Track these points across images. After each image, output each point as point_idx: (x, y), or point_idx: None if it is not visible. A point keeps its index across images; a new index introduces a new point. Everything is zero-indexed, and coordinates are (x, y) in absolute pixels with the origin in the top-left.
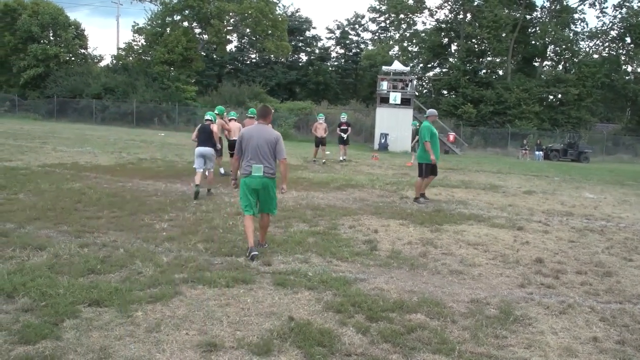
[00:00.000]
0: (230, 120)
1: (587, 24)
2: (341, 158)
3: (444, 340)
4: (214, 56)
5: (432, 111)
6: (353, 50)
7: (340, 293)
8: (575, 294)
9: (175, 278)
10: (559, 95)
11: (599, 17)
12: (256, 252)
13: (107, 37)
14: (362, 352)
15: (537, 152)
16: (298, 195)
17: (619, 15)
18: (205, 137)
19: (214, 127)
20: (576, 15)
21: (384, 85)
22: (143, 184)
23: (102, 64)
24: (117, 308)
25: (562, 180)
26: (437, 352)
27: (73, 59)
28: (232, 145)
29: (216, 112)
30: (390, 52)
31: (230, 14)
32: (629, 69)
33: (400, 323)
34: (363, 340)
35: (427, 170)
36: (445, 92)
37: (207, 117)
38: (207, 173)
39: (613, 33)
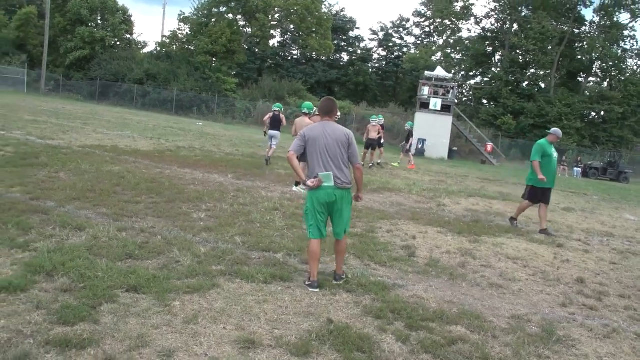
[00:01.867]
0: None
1: (636, 42)
2: (378, 161)
3: (485, 356)
4: (256, 50)
5: (556, 130)
6: (395, 54)
7: (379, 298)
8: (619, 318)
9: (212, 270)
10: (602, 113)
11: None
12: (317, 288)
13: (150, 24)
14: None
15: (575, 169)
16: None
17: None
18: (275, 124)
19: (282, 116)
20: (626, 32)
21: (425, 90)
22: (181, 172)
23: (146, 50)
24: (155, 296)
25: (601, 200)
26: None
27: (118, 43)
28: None
29: (305, 110)
30: (433, 58)
31: (276, 9)
32: None
33: (441, 334)
34: (403, 349)
35: (534, 194)
36: (485, 101)
37: (275, 108)
38: (273, 147)
39: None
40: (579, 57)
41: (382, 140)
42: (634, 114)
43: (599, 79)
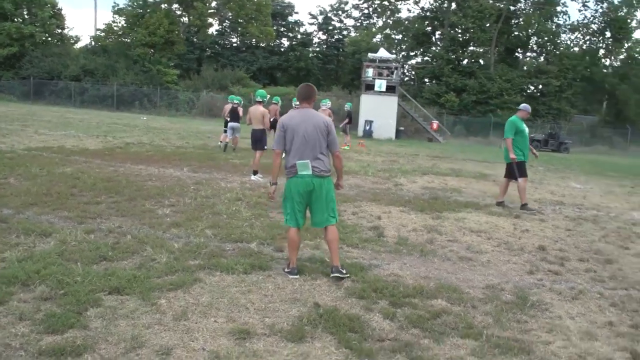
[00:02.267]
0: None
1: (569, 17)
2: None
3: (470, 325)
4: (194, 39)
5: (525, 106)
6: (335, 37)
7: (359, 279)
8: (582, 281)
9: (190, 265)
10: (540, 87)
11: (581, 10)
12: (296, 274)
13: (80, 17)
14: (394, 337)
15: None
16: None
17: (600, 10)
18: (234, 116)
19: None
20: (559, 8)
21: (370, 72)
22: (135, 169)
23: (79, 45)
24: (139, 296)
25: (547, 170)
26: (466, 337)
27: (49, 39)
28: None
29: (258, 98)
30: (374, 40)
31: None
32: (607, 62)
33: (424, 308)
34: (392, 326)
35: (522, 168)
36: (427, 80)
37: (235, 101)
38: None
39: (594, 27)
40: (516, 33)
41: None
42: (569, 86)
43: (535, 54)
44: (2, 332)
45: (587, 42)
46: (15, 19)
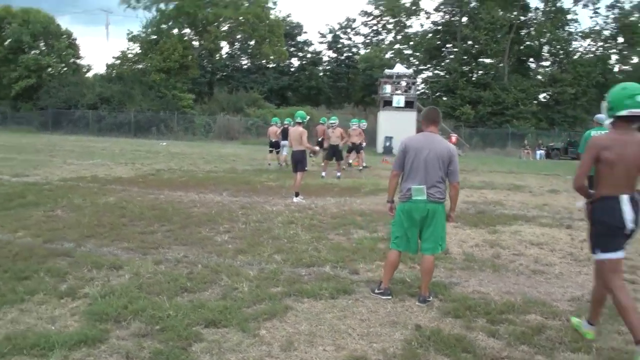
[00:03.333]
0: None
1: (580, 24)
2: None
3: (575, 339)
4: (204, 63)
5: (598, 117)
6: (345, 54)
7: (447, 298)
8: None
9: (274, 292)
10: (555, 95)
11: (592, 17)
12: (389, 295)
13: (90, 45)
14: (507, 356)
15: (538, 151)
16: (335, 201)
17: (612, 16)
18: (286, 135)
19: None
20: (569, 16)
21: (388, 88)
22: (175, 195)
23: (91, 73)
24: (237, 327)
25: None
26: (577, 351)
27: (65, 68)
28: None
29: (298, 119)
30: (387, 56)
31: (226, 20)
32: (619, 68)
33: (522, 325)
34: (499, 344)
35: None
36: (441, 93)
37: (286, 122)
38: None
39: (606, 33)
40: (529, 43)
41: (364, 144)
42: (584, 93)
43: (549, 63)
44: None
45: (600, 49)
46: (33, 51)
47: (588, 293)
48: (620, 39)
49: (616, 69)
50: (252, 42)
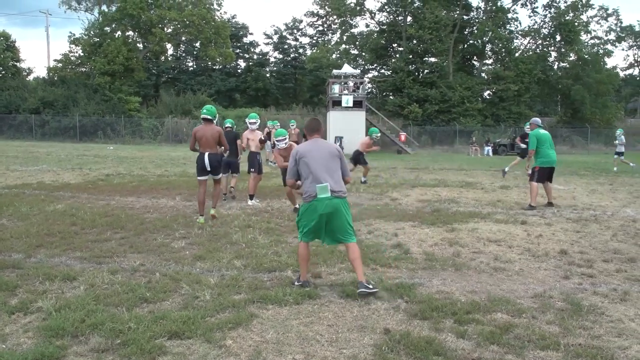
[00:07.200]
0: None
1: (520, 23)
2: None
3: (543, 336)
4: (150, 66)
5: (534, 120)
6: (291, 55)
7: (412, 299)
8: (619, 282)
9: (237, 299)
10: (499, 92)
11: (531, 16)
12: (309, 287)
13: (29, 47)
14: (479, 357)
15: (486, 148)
16: (289, 204)
17: (549, 15)
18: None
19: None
20: (510, 15)
21: (336, 88)
22: (127, 201)
23: (32, 77)
24: (202, 338)
25: (524, 174)
26: (546, 348)
27: (4, 72)
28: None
29: (252, 120)
30: (334, 56)
31: (170, 21)
32: (559, 64)
33: (490, 324)
34: (469, 345)
35: (542, 174)
36: (388, 93)
37: (227, 124)
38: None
39: (544, 31)
40: (472, 41)
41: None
42: (527, 90)
43: (492, 61)
44: None
45: (540, 46)
46: None
47: (550, 289)
48: (558, 37)
49: (555, 66)
50: (198, 44)
